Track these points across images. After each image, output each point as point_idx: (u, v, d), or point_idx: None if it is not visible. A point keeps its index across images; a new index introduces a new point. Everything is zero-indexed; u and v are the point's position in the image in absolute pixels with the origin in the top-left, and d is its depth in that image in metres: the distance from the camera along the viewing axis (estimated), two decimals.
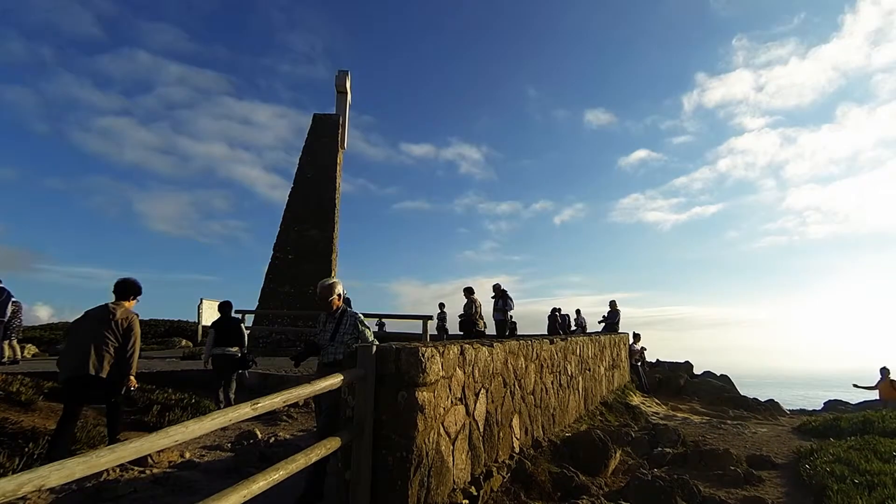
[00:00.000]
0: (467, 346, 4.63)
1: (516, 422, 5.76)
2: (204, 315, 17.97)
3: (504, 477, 4.93)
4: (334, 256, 18.75)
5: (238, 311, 14.18)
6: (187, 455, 5.73)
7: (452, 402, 4.24)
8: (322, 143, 20.23)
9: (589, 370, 10.12)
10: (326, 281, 4.86)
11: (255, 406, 2.54)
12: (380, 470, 3.57)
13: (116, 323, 5.07)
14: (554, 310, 17.71)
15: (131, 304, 5.37)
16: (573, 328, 18.08)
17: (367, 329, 4.71)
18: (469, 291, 12.90)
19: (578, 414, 8.86)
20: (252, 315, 16.76)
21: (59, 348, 14.06)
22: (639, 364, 16.75)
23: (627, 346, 16.44)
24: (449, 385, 4.19)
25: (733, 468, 6.41)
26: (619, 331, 16.61)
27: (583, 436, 6.64)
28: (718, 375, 20.01)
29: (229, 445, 6.37)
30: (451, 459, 4.14)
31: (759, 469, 6.77)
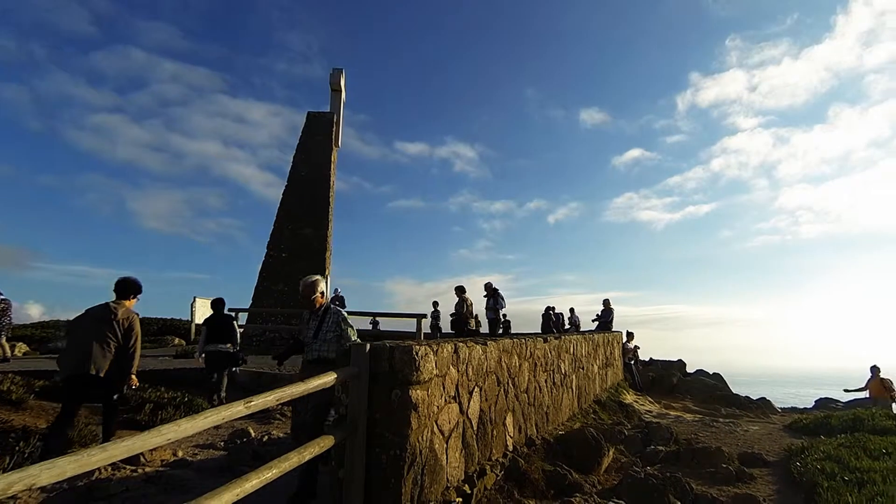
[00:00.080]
0: (461, 345, 4.63)
1: (510, 420, 5.78)
2: (197, 313, 17.92)
3: (498, 475, 4.94)
4: (328, 255, 18.72)
5: (232, 310, 14.12)
6: (180, 453, 5.71)
7: (446, 401, 4.25)
8: (316, 142, 20.19)
9: (582, 368, 10.15)
10: (309, 278, 4.81)
11: (249, 404, 2.53)
12: (373, 468, 3.57)
13: (118, 322, 5.05)
14: (548, 308, 17.76)
15: (132, 303, 5.34)
16: (567, 327, 18.12)
17: (351, 327, 4.67)
18: (460, 290, 12.89)
19: (572, 412, 8.89)
20: (246, 313, 16.70)
21: (59, 346, 13.96)
22: (632, 362, 16.82)
23: (621, 345, 16.50)
24: (443, 383, 4.19)
25: (725, 466, 6.45)
26: (613, 329, 16.67)
27: (576, 434, 6.67)
28: (711, 374, 20.12)
29: (222, 444, 6.35)
30: (445, 457, 4.15)
31: (751, 467, 6.82)
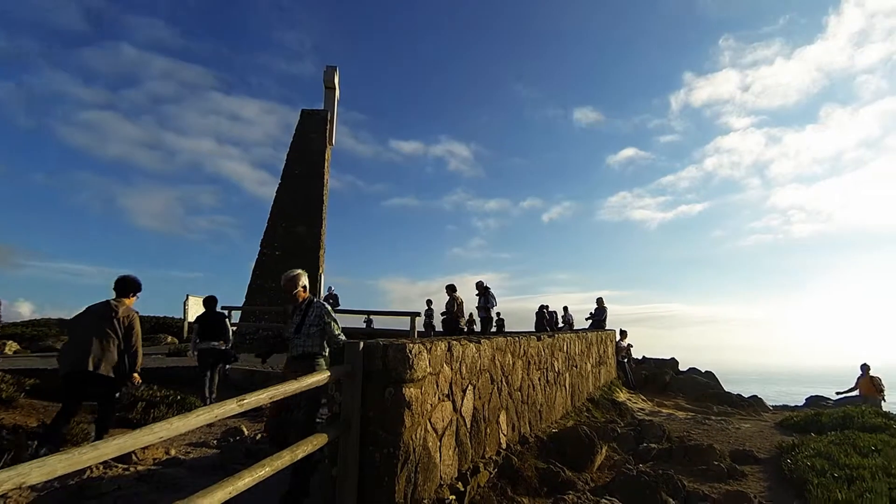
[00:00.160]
0: (455, 343, 4.63)
1: (503, 418, 5.79)
2: (190, 311, 17.82)
3: (491, 472, 4.95)
4: (322, 253, 18.68)
5: (225, 308, 14.09)
6: (172, 452, 5.69)
7: (440, 399, 4.25)
8: (310, 139, 20.12)
9: (576, 367, 10.19)
10: (290, 272, 4.71)
11: (241, 402, 2.53)
12: (367, 466, 3.57)
13: (119, 320, 5.09)
14: (542, 307, 17.81)
15: (132, 301, 5.40)
16: (561, 325, 18.18)
17: (335, 322, 4.54)
18: (451, 289, 12.85)
19: (565, 410, 8.92)
20: (239, 311, 16.64)
21: (50, 344, 13.85)
22: (625, 361, 16.89)
23: (614, 343, 16.57)
24: (436, 381, 4.20)
25: (717, 463, 6.49)
26: (606, 328, 16.74)
27: (569, 432, 6.69)
28: (703, 372, 20.23)
29: (215, 442, 6.33)
30: (439, 455, 4.15)
31: (743, 464, 6.87)
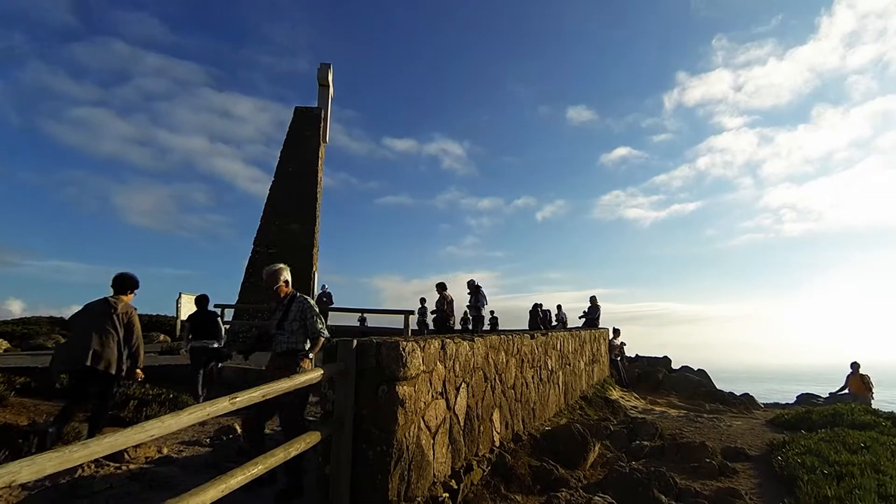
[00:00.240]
0: (448, 341, 4.64)
1: (497, 416, 5.81)
2: (183, 310, 17.73)
3: (484, 470, 4.96)
4: (315, 250, 18.60)
5: (218, 306, 13.99)
6: (165, 450, 5.66)
7: (433, 397, 4.26)
8: (304, 137, 20.02)
9: (569, 365, 10.22)
10: (271, 267, 4.59)
11: (234, 400, 2.51)
12: (360, 464, 3.57)
13: (118, 317, 5.10)
14: (535, 305, 17.85)
15: (129, 298, 5.42)
16: (554, 323, 18.23)
17: (319, 318, 4.45)
18: (441, 287, 12.82)
19: (558, 408, 8.96)
20: (232, 309, 16.54)
21: (41, 342, 13.71)
22: (618, 359, 16.97)
23: (607, 342, 16.64)
24: (430, 379, 4.20)
25: (709, 460, 6.54)
26: (600, 326, 16.80)
27: (562, 429, 6.71)
28: (696, 370, 20.37)
29: (208, 441, 6.29)
30: (432, 453, 4.16)
31: (734, 461, 6.93)
